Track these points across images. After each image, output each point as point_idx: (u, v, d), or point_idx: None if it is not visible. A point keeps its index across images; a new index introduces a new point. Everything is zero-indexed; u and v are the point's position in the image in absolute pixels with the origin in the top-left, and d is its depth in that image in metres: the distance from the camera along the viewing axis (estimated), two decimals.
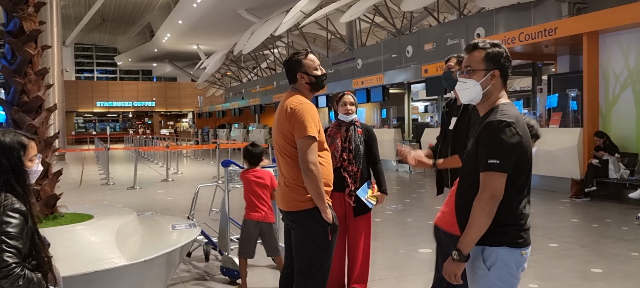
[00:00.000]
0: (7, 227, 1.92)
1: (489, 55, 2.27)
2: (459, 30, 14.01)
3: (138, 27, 41.17)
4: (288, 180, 2.96)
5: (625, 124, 8.66)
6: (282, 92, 24.82)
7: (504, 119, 2.15)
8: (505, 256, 2.20)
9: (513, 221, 2.20)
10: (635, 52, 8.48)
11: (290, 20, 19.12)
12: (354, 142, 3.96)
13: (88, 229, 3.52)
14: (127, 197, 10.22)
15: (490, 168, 2.12)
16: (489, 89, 2.28)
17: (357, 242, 4.08)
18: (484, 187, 2.14)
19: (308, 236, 2.95)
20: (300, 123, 2.85)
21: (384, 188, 4.05)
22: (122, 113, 49.12)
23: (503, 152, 2.12)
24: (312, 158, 2.84)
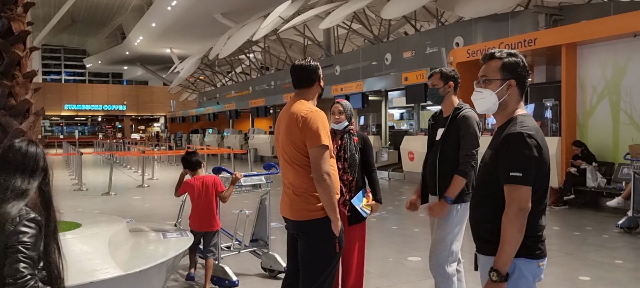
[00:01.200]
0: (23, 237, 1.89)
1: (505, 64, 2.25)
2: (438, 39, 14.18)
3: (109, 29, 40.41)
4: (298, 190, 2.89)
5: (602, 134, 8.87)
6: (258, 97, 24.68)
7: (524, 130, 2.13)
8: (523, 267, 2.17)
9: (531, 232, 2.17)
10: (611, 64, 8.70)
11: (268, 26, 19.05)
12: (350, 151, 3.91)
13: (79, 238, 3.38)
14: (102, 203, 9.94)
15: (513, 181, 2.10)
16: (505, 99, 2.26)
17: (352, 251, 4.03)
18: (511, 201, 2.11)
19: (317, 246, 2.89)
20: (314, 131, 2.79)
21: (379, 197, 4.01)
22: (91, 116, 48.03)
23: (525, 165, 2.10)
24: (326, 167, 2.78)
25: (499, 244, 2.13)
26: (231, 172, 4.66)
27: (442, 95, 3.55)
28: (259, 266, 5.04)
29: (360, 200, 3.90)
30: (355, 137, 3.96)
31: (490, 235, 2.21)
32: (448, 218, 3.43)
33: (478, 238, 2.33)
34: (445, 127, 3.49)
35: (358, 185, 3.92)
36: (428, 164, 3.62)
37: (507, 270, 2.12)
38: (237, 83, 30.38)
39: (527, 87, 2.31)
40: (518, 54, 2.29)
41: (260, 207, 5.01)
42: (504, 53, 2.29)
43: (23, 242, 1.89)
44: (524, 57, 8.20)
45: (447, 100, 3.55)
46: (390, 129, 17.60)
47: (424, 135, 13.27)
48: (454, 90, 3.55)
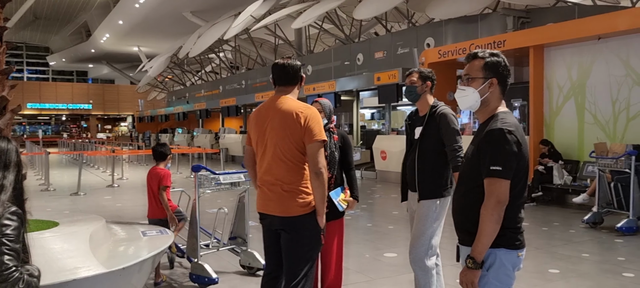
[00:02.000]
0: (6, 230, 1.89)
1: (487, 64, 2.33)
2: (409, 40, 14.38)
3: (73, 26, 39.38)
4: (287, 185, 2.92)
5: (568, 133, 9.17)
6: (228, 96, 24.51)
7: (505, 127, 2.22)
8: (503, 257, 2.26)
9: (511, 224, 2.26)
10: (577, 65, 9.00)
11: (239, 25, 18.94)
12: (329, 149, 3.96)
13: (59, 236, 3.33)
14: (71, 203, 9.73)
15: (493, 174, 2.18)
16: (487, 96, 2.33)
17: (330, 247, 4.08)
18: (490, 194, 2.19)
19: (306, 239, 2.94)
20: (312, 128, 2.87)
21: (356, 194, 4.04)
22: (55, 115, 46.75)
23: (505, 159, 2.18)
24: (323, 161, 2.87)
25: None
26: (212, 171, 4.64)
27: (420, 93, 3.64)
28: (237, 264, 5.04)
29: (337, 194, 3.96)
30: (335, 135, 4.00)
31: (473, 226, 2.28)
32: (428, 213, 3.51)
33: (461, 231, 2.41)
34: (423, 125, 3.57)
35: (336, 183, 3.96)
36: (407, 162, 3.70)
37: (482, 258, 2.21)
38: (207, 82, 30.08)
39: (508, 85, 2.38)
40: (500, 54, 2.37)
41: (239, 205, 5.02)
42: (486, 53, 2.37)
43: (7, 235, 1.89)
44: None
45: (423, 99, 3.64)
46: (362, 128, 17.76)
47: (396, 135, 13.46)
48: (430, 90, 3.65)
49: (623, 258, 5.53)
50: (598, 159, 7.20)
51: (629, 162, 6.73)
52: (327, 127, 3.94)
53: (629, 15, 8.42)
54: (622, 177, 6.84)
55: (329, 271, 4.08)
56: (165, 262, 5.16)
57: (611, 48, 8.54)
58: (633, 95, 8.25)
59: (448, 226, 2.61)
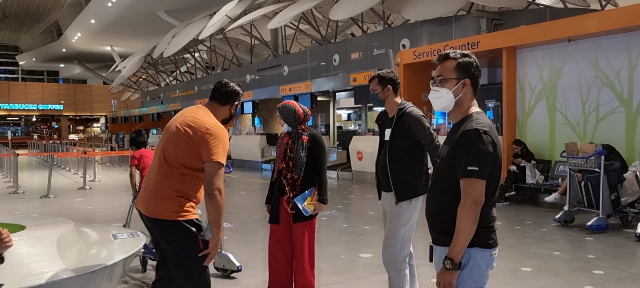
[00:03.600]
0: None
1: (459, 64, 2.34)
2: (385, 41, 14.45)
3: (44, 25, 38.51)
4: (159, 188, 2.90)
5: (540, 133, 9.33)
6: (204, 97, 24.28)
7: (480, 127, 2.23)
8: (477, 256, 2.27)
9: (484, 223, 2.27)
10: (548, 66, 9.17)
11: (215, 25, 18.78)
12: (296, 151, 3.95)
13: (25, 240, 3.23)
14: (41, 206, 9.49)
15: (469, 174, 2.18)
16: (461, 97, 2.34)
17: (300, 248, 4.06)
18: (466, 194, 2.20)
19: (177, 247, 2.94)
20: (210, 146, 2.84)
21: (323, 197, 4.03)
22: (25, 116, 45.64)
23: (481, 160, 2.19)
24: (219, 184, 2.84)
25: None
26: None
27: (382, 99, 3.66)
28: (211, 266, 4.97)
29: (304, 199, 3.93)
30: (304, 136, 3.98)
31: (448, 227, 2.28)
32: (400, 213, 3.51)
33: (436, 231, 2.41)
34: (392, 126, 3.58)
35: (305, 184, 3.94)
36: (379, 163, 3.70)
37: (460, 258, 2.20)
38: (182, 82, 29.75)
39: (479, 86, 2.40)
40: (471, 55, 2.38)
41: None
42: (458, 54, 2.37)
43: None
44: None
45: (389, 102, 3.65)
46: (338, 129, 17.79)
47: (372, 135, 13.50)
48: (393, 91, 3.63)
49: (593, 256, 5.64)
50: (569, 159, 7.34)
51: (599, 161, 6.87)
52: (297, 129, 3.97)
53: (598, 18, 8.62)
54: (592, 177, 6.98)
55: (300, 272, 4.07)
56: (138, 264, 5.07)
57: (581, 50, 8.72)
58: (602, 96, 8.44)
59: (422, 226, 2.60)
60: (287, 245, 4.08)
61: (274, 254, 4.13)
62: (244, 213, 8.23)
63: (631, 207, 7.04)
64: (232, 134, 20.96)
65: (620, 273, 4.99)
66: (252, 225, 7.36)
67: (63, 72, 48.14)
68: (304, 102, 15.95)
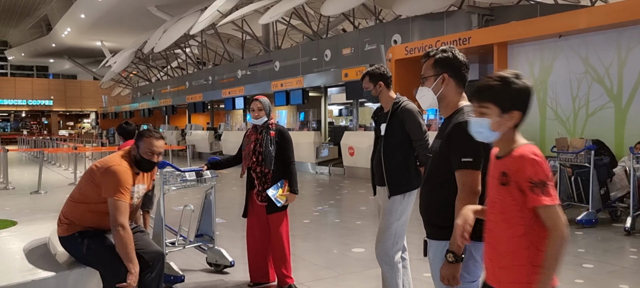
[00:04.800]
0: None
1: (437, 60, 2.38)
2: (377, 36, 14.47)
3: (33, 20, 38.09)
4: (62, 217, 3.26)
5: (530, 128, 9.38)
6: (194, 93, 24.22)
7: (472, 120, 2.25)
8: (473, 249, 2.29)
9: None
10: (539, 62, 9.23)
11: (206, 20, 18.69)
12: (265, 146, 4.15)
13: (17, 236, 3.22)
14: (32, 202, 9.42)
15: (465, 166, 2.21)
16: (442, 91, 2.37)
17: (277, 238, 4.28)
18: (463, 185, 2.22)
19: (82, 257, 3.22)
20: (106, 184, 3.14)
21: (294, 188, 4.25)
22: (14, 112, 45.22)
23: (474, 151, 2.21)
24: (121, 219, 3.07)
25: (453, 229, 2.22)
26: (177, 168, 4.57)
27: (375, 95, 3.66)
28: (204, 261, 4.98)
29: (275, 190, 4.15)
30: (272, 131, 4.20)
31: (443, 221, 2.31)
32: (393, 207, 3.52)
33: (430, 225, 2.43)
34: (387, 121, 3.59)
35: (275, 177, 4.16)
36: (375, 158, 3.73)
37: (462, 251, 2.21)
38: (173, 78, 29.60)
39: (466, 76, 2.40)
40: (449, 49, 2.40)
41: (206, 202, 4.95)
42: (437, 50, 2.42)
43: None
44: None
45: (384, 97, 3.65)
46: (330, 124, 17.79)
47: (364, 131, 13.53)
48: (386, 86, 3.64)
49: (583, 250, 5.69)
50: (559, 154, 7.39)
51: (589, 156, 6.93)
52: (266, 124, 4.21)
53: (588, 14, 8.68)
54: (582, 171, 7.04)
55: (278, 260, 4.28)
56: None
57: (571, 46, 8.78)
58: (592, 91, 8.51)
59: (416, 220, 2.62)
60: (262, 237, 4.31)
61: (251, 246, 4.38)
62: (235, 209, 8.22)
63: (620, 201, 7.11)
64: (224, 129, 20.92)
65: (610, 267, 5.05)
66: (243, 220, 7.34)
67: (53, 67, 47.69)
68: (295, 97, 15.95)
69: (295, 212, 4.49)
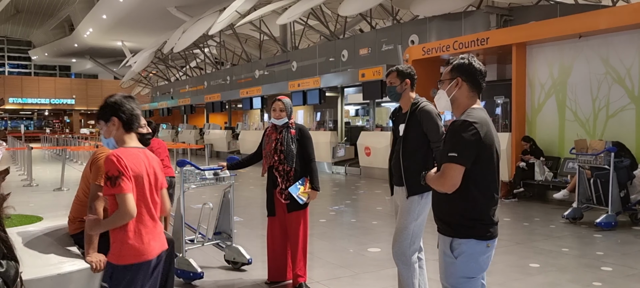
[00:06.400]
0: None
1: (454, 66, 2.54)
2: (394, 37, 14.45)
3: (56, 20, 38.81)
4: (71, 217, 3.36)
5: (549, 130, 9.32)
6: (213, 92, 24.42)
7: (466, 119, 2.39)
8: (472, 247, 2.41)
9: (479, 216, 2.41)
10: (558, 63, 9.14)
11: (224, 20, 18.84)
12: (287, 144, 4.22)
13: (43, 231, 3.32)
14: (55, 198, 9.64)
15: (449, 160, 2.37)
16: (455, 95, 2.52)
17: (295, 236, 4.33)
18: (444, 176, 2.38)
19: None
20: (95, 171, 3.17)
21: (316, 185, 4.32)
22: (38, 111, 46.09)
23: (461, 147, 2.35)
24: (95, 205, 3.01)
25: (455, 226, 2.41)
26: (197, 166, 4.65)
27: (399, 92, 3.69)
28: (222, 259, 5.06)
29: (297, 188, 4.22)
30: (292, 129, 4.27)
31: (448, 216, 2.45)
32: (411, 207, 3.56)
33: (438, 219, 2.56)
34: (405, 122, 3.62)
35: (297, 175, 4.23)
36: (393, 158, 3.76)
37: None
38: (191, 78, 29.89)
39: (481, 83, 2.53)
40: (467, 57, 2.55)
41: (224, 200, 5.03)
42: (456, 58, 2.58)
43: None
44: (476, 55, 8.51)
45: (405, 97, 3.68)
46: (346, 124, 17.82)
47: (380, 131, 13.53)
48: (410, 87, 3.68)
49: (601, 253, 5.65)
50: (578, 156, 7.33)
51: (608, 158, 6.87)
52: (286, 124, 4.27)
53: (609, 14, 8.57)
54: (602, 174, 6.98)
55: (296, 258, 4.32)
56: None
57: (592, 46, 8.69)
58: (612, 93, 8.41)
59: (433, 221, 2.67)
60: (282, 235, 4.37)
61: (272, 245, 4.43)
62: (252, 207, 8.31)
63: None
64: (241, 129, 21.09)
65: (629, 270, 5.01)
66: (261, 218, 7.42)
67: (75, 66, 48.54)
68: (312, 97, 16.00)
69: (312, 211, 4.55)
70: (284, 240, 4.37)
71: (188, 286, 4.45)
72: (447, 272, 2.49)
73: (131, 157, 2.49)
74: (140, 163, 2.54)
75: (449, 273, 2.48)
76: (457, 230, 2.41)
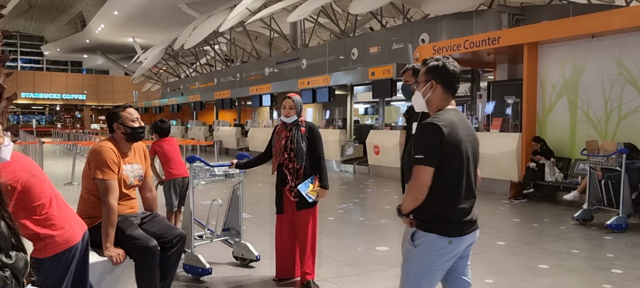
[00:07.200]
0: None
1: (429, 68, 2.60)
2: (404, 35, 14.41)
3: (68, 16, 39.10)
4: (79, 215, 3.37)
5: (560, 130, 9.24)
6: (223, 89, 24.50)
7: (433, 120, 2.47)
8: (432, 242, 2.48)
9: (442, 213, 2.48)
10: (570, 63, 9.07)
11: (235, 17, 18.90)
12: (297, 142, 4.21)
13: None
14: (65, 193, 9.63)
15: (416, 162, 2.45)
16: (429, 96, 2.60)
17: (304, 234, 4.34)
18: (413, 178, 2.48)
19: None
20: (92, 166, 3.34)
21: (325, 183, 4.31)
22: (49, 105, 46.50)
23: (426, 149, 2.44)
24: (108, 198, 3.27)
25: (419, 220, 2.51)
26: (206, 162, 4.67)
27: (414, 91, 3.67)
28: (231, 255, 5.08)
29: (306, 187, 4.21)
30: (302, 127, 4.26)
31: (420, 213, 2.51)
32: None
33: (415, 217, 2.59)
34: (418, 121, 3.62)
35: (306, 173, 4.22)
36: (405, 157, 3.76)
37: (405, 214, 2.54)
38: (201, 74, 30.00)
39: (455, 85, 2.59)
40: (442, 59, 2.59)
41: (233, 197, 5.04)
42: (431, 60, 2.62)
43: None
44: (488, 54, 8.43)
45: None
46: (356, 123, 17.80)
47: (389, 130, 13.49)
48: None
49: (612, 255, 5.60)
50: (589, 157, 7.27)
51: (620, 160, 6.81)
52: (296, 122, 4.27)
53: (623, 14, 8.48)
54: (613, 175, 6.91)
55: (304, 256, 4.32)
56: None
57: (604, 47, 8.60)
58: (625, 94, 8.32)
59: None
60: (291, 233, 4.38)
61: (280, 242, 4.44)
62: (261, 204, 8.33)
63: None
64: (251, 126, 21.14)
65: (639, 273, 4.97)
66: (269, 215, 7.44)
67: (86, 62, 48.90)
68: (322, 95, 16.01)
69: (320, 209, 4.55)
70: (292, 238, 4.38)
71: (196, 282, 4.48)
72: (406, 259, 2.59)
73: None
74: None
75: (407, 260, 2.57)
76: (420, 223, 2.50)
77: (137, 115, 3.56)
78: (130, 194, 3.56)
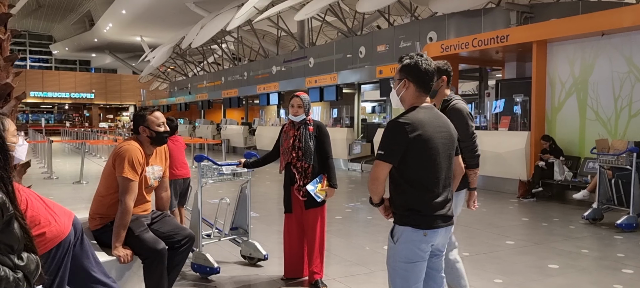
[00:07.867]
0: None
1: (402, 67, 2.64)
2: (412, 33, 14.36)
3: (77, 15, 39.31)
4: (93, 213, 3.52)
5: (569, 129, 9.18)
6: (230, 88, 24.55)
7: (398, 119, 2.52)
8: (409, 235, 2.56)
9: (415, 207, 2.56)
10: (580, 61, 9.00)
11: (242, 16, 18.91)
12: (304, 141, 4.20)
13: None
14: (74, 191, 9.78)
15: (377, 157, 2.56)
16: (403, 94, 2.64)
17: (312, 233, 4.33)
18: (372, 171, 2.59)
19: None
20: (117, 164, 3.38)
21: (333, 182, 4.29)
22: (58, 104, 46.80)
23: (387, 146, 2.52)
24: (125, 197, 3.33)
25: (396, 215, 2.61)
26: (214, 161, 4.68)
27: (436, 89, 3.58)
28: (238, 254, 5.08)
29: (314, 186, 4.19)
30: (310, 126, 4.25)
31: (392, 206, 2.62)
32: None
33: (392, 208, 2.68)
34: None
35: (315, 172, 4.21)
36: None
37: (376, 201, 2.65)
38: (209, 73, 30.07)
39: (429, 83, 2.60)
40: (415, 57, 2.60)
41: (241, 196, 5.04)
42: (405, 57, 2.64)
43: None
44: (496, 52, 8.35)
45: (440, 94, 3.53)
46: (363, 121, 17.77)
47: None
48: (446, 83, 3.55)
49: (622, 255, 5.55)
50: (599, 156, 7.21)
51: (630, 159, 6.74)
52: (304, 121, 4.26)
53: (633, 12, 8.40)
54: (623, 174, 6.85)
55: (312, 256, 4.31)
56: None
57: (614, 44, 8.53)
58: (635, 92, 8.25)
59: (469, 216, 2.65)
60: (299, 232, 4.37)
61: (288, 241, 4.43)
62: (269, 203, 8.34)
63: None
64: (258, 125, 21.17)
65: None
66: (277, 214, 7.44)
67: (94, 61, 49.15)
68: (329, 93, 16.00)
69: (328, 208, 4.54)
70: (300, 237, 4.37)
71: (205, 281, 4.48)
72: (389, 255, 2.67)
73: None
74: None
75: (390, 256, 2.66)
76: (397, 218, 2.59)
77: (163, 119, 3.61)
78: (146, 197, 3.59)
